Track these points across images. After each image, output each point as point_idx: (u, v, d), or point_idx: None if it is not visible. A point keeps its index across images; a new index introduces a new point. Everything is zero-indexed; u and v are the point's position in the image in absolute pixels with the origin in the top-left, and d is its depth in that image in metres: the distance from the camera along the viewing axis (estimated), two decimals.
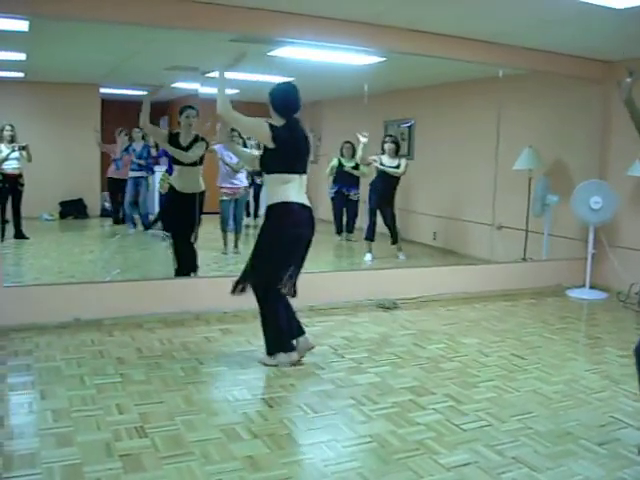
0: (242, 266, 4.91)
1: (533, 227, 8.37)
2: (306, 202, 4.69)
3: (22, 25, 5.77)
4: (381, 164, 8.57)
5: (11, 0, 5.29)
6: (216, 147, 7.81)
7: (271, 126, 4.52)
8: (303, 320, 5.85)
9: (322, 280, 6.66)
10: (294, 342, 4.86)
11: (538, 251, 8.31)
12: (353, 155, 9.05)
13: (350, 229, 9.52)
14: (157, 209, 9.34)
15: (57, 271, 7.42)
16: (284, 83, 4.72)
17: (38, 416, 3.80)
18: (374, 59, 7.18)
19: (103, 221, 10.35)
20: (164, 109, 10.20)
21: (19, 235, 8.27)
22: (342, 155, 9.29)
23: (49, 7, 5.40)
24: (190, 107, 6.78)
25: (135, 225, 9.37)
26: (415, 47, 6.57)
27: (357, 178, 9.34)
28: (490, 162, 7.94)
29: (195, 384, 4.40)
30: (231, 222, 8.68)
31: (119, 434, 3.55)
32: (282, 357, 4.77)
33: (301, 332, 4.92)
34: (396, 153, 8.71)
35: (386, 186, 8.68)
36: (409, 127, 9.93)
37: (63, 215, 10.07)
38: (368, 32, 6.36)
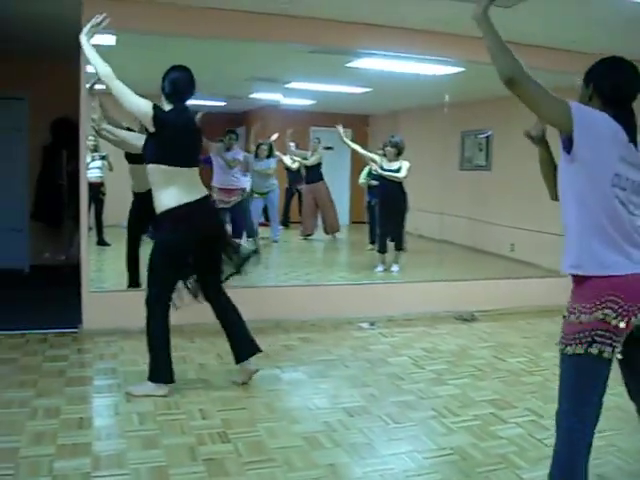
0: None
1: None
2: (196, 195, 4.21)
3: (110, 39, 5.94)
4: (382, 168, 8.16)
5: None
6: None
7: (155, 107, 4.06)
8: (382, 331, 5.87)
9: (400, 291, 6.65)
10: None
11: None
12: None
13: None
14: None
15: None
16: (177, 67, 4.26)
17: (124, 418, 3.89)
18: (453, 69, 7.13)
19: None
20: (241, 119, 10.34)
21: (101, 242, 8.47)
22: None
23: (136, 23, 5.60)
24: None
25: None
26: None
27: None
28: None
29: (276, 391, 4.45)
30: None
31: (203, 439, 3.61)
32: (152, 390, 4.28)
33: (252, 352, 4.57)
34: (397, 156, 8.21)
35: (387, 192, 8.30)
36: (487, 138, 9.83)
37: None
38: (447, 42, 6.33)
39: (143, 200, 5.34)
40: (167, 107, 4.20)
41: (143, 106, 4.04)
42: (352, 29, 6.10)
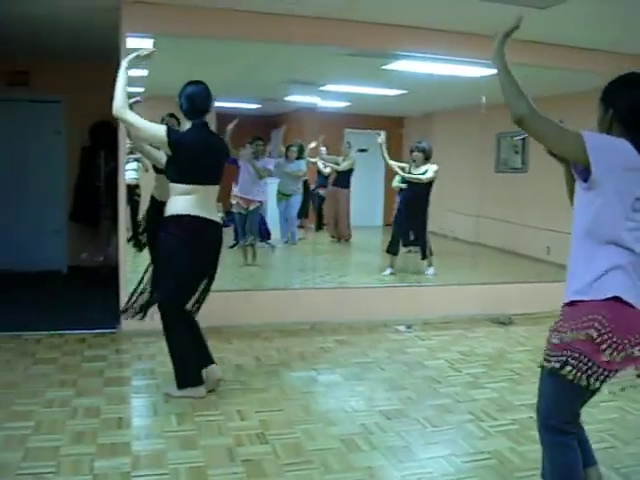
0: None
1: None
2: (211, 216, 4.22)
3: (147, 43, 6.00)
4: (409, 172, 8.06)
5: (140, 21, 5.56)
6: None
7: (169, 131, 4.07)
8: (418, 334, 5.86)
9: (436, 294, 6.62)
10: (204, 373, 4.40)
11: None
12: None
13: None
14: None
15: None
16: (192, 83, 4.24)
17: (163, 419, 3.93)
18: (489, 71, 7.06)
19: None
20: (276, 122, 10.36)
21: (137, 244, 8.53)
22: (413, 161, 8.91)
23: (174, 26, 5.65)
24: None
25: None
26: (531, 59, 6.44)
27: None
28: None
29: (312, 394, 4.46)
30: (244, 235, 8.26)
31: (241, 440, 3.63)
32: (189, 392, 4.26)
33: (210, 361, 4.42)
34: (425, 161, 8.05)
35: (411, 195, 8.19)
36: (523, 140, 9.72)
37: None
38: (484, 44, 6.26)
39: (160, 210, 5.23)
40: (187, 124, 4.23)
41: (158, 133, 4.05)
42: (390, 31, 6.10)
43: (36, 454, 3.41)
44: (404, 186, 8.53)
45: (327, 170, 9.45)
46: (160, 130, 4.06)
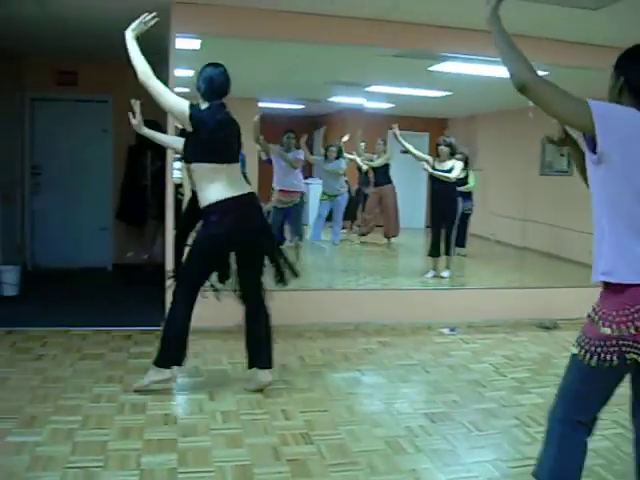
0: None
1: None
2: (240, 191, 4.19)
3: (195, 44, 6.06)
4: (433, 168, 7.94)
5: (189, 21, 5.62)
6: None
7: (192, 106, 4.06)
8: (463, 337, 5.81)
9: (480, 297, 6.57)
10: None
11: None
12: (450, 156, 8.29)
13: (460, 243, 8.92)
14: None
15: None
16: (212, 65, 4.25)
17: (208, 416, 3.95)
18: None
19: None
20: (319, 122, 10.38)
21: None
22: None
23: (221, 27, 5.70)
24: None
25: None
26: (580, 60, 6.36)
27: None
28: None
29: (357, 395, 4.46)
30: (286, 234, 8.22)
31: (286, 439, 3.64)
32: (152, 373, 4.31)
33: (261, 364, 4.41)
34: (450, 156, 7.99)
35: (438, 193, 8.12)
36: None
37: None
38: (532, 46, 6.19)
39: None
40: (203, 105, 4.19)
41: (180, 105, 4.05)
42: (436, 32, 6.07)
43: (84, 448, 3.45)
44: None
45: (364, 167, 9.42)
46: (183, 102, 4.06)
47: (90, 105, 8.46)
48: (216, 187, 4.11)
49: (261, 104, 10.30)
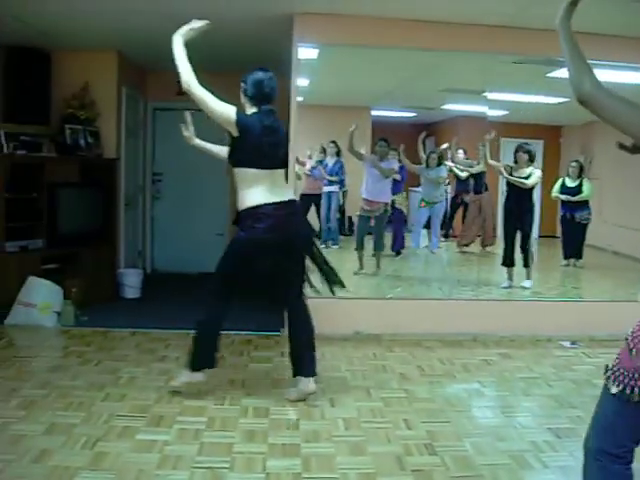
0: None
1: None
2: (279, 198, 4.13)
3: (313, 53, 6.14)
4: (510, 174, 7.55)
5: (310, 31, 5.71)
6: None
7: (238, 112, 4.04)
8: (585, 350, 5.64)
9: (602, 310, 6.36)
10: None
11: None
12: (580, 174, 8.23)
13: (577, 254, 8.61)
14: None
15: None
16: (259, 70, 4.22)
17: (330, 423, 3.97)
18: None
19: None
20: (430, 131, 10.30)
21: None
22: (568, 175, 8.44)
23: (342, 36, 5.77)
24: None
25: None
26: None
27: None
28: None
29: (479, 407, 4.40)
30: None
31: (409, 449, 3.61)
32: (184, 375, 4.37)
33: (305, 372, 4.35)
34: (529, 163, 7.56)
35: (514, 200, 7.67)
36: None
37: None
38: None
39: None
40: (250, 110, 4.18)
41: (226, 110, 4.03)
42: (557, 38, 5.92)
43: (210, 449, 3.54)
44: (563, 197, 8.27)
45: (464, 174, 9.26)
46: (229, 108, 4.04)
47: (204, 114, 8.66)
48: (255, 192, 4.09)
49: (374, 112, 10.33)
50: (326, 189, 8.87)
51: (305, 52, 5.99)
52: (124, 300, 7.24)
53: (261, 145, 4.07)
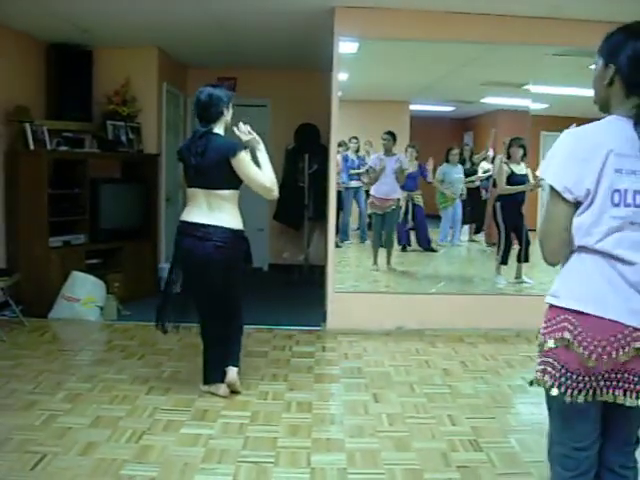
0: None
1: None
2: (195, 219, 4.10)
3: (353, 47, 6.11)
4: (512, 173, 7.26)
5: (351, 25, 5.70)
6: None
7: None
8: None
9: None
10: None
11: None
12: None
13: None
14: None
15: (373, 280, 7.59)
16: (202, 88, 4.08)
17: (374, 418, 3.95)
18: None
19: None
20: (469, 125, 10.19)
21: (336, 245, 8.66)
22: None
23: (383, 29, 5.75)
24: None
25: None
26: None
27: None
28: None
29: (524, 403, 4.34)
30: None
31: (454, 445, 3.58)
32: (211, 388, 4.31)
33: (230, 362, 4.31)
34: (523, 158, 7.32)
35: (515, 198, 7.33)
36: None
37: None
38: None
39: None
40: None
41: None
42: (601, 28, 5.82)
43: (255, 443, 3.54)
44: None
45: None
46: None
47: (248, 110, 8.68)
48: (187, 207, 4.20)
49: (412, 107, 10.24)
50: (353, 184, 8.89)
51: (345, 46, 5.97)
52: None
53: (186, 167, 4.12)
